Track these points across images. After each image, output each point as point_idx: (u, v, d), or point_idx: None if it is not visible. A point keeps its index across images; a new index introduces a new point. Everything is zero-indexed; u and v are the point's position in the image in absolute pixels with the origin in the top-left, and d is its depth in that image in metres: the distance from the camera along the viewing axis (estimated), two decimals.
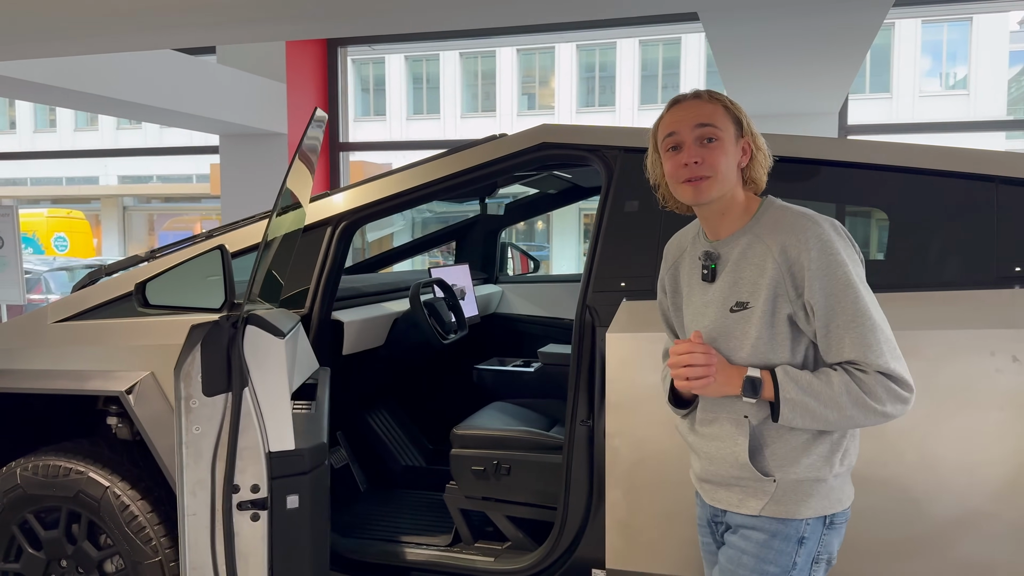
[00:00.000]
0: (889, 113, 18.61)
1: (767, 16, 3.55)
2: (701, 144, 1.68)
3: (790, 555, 1.69)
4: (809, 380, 1.63)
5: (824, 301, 1.62)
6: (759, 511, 1.69)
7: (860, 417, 1.62)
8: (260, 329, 1.89)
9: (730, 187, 1.71)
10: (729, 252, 1.74)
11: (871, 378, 1.61)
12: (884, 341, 1.63)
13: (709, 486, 1.79)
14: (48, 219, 17.91)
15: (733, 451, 1.70)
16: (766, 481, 1.68)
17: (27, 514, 2.79)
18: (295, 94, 6.92)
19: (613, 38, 20.30)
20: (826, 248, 1.63)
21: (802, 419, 1.62)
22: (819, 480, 1.68)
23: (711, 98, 1.72)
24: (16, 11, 3.82)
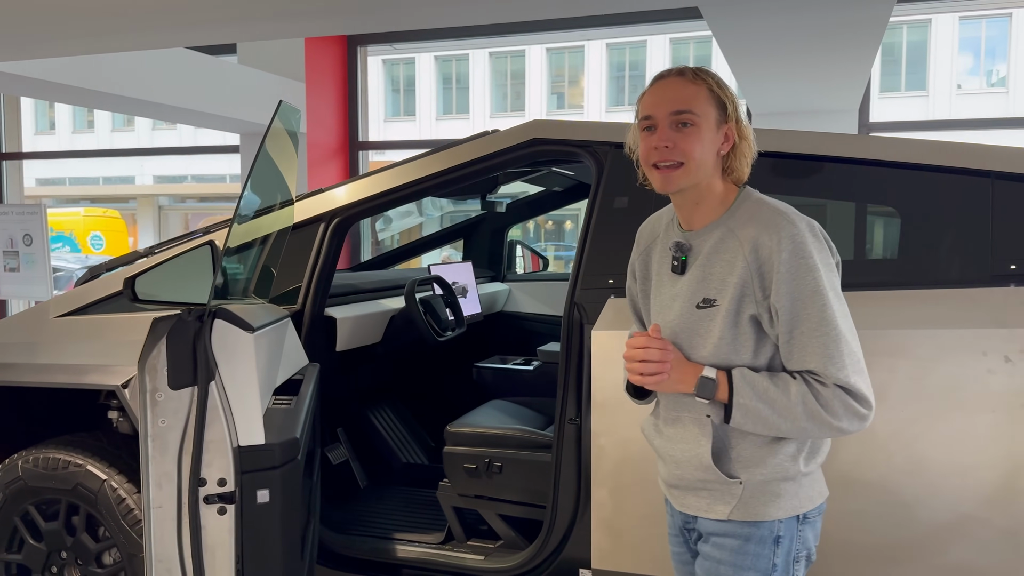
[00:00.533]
0: (925, 111, 18.27)
1: (769, 10, 3.50)
2: (676, 128, 1.60)
3: (768, 557, 1.63)
4: (766, 387, 1.57)
5: (790, 306, 1.55)
6: (727, 515, 1.64)
7: (813, 430, 1.56)
8: (228, 323, 1.90)
9: (704, 176, 1.63)
10: (701, 244, 1.67)
11: (830, 391, 1.54)
12: (848, 354, 1.56)
13: (677, 492, 1.74)
14: (84, 218, 18.25)
15: (697, 453, 1.65)
16: (732, 483, 1.63)
17: (28, 506, 2.83)
18: (314, 93, 6.97)
19: (643, 35, 20.18)
20: (799, 250, 1.56)
21: (754, 425, 1.58)
22: (787, 479, 1.63)
23: (695, 78, 1.62)
24: (36, 10, 3.89)
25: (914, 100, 18.56)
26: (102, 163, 24.82)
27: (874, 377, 2.06)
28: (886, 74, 18.81)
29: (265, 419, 1.96)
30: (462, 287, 3.62)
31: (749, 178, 1.70)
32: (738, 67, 4.66)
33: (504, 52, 21.99)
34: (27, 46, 4.64)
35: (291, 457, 1.93)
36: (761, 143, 1.95)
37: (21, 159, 8.37)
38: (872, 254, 2.47)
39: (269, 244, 2.67)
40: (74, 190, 25.15)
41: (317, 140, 7.02)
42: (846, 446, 2.10)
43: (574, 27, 7.09)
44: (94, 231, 18.05)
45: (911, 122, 7.40)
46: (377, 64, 22.16)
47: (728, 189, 1.68)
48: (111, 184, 25.09)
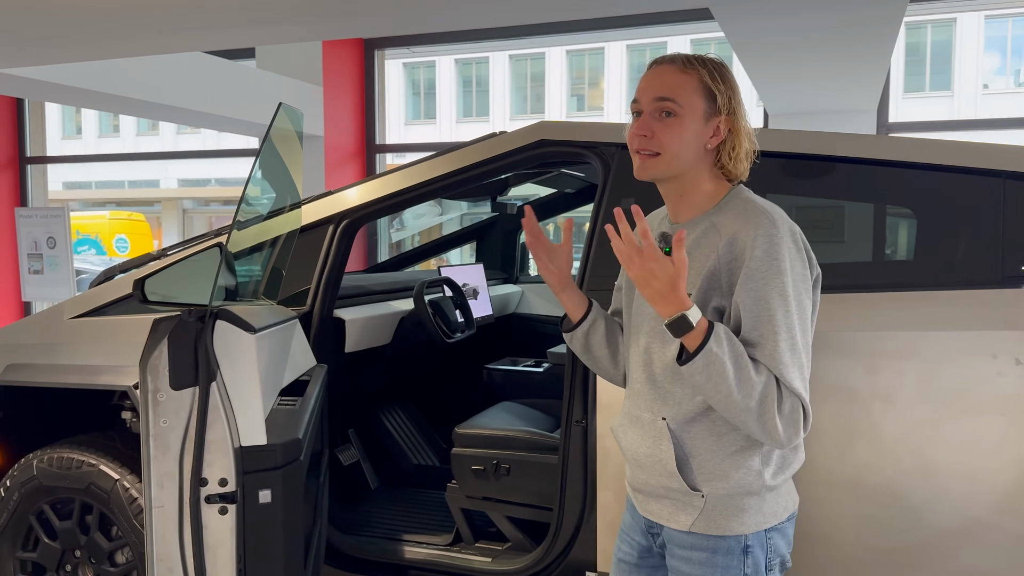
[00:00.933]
0: (950, 111, 18.04)
1: (778, 10, 3.47)
2: (658, 117, 1.56)
3: (739, 568, 1.58)
4: (741, 352, 1.48)
5: (753, 305, 1.50)
6: (689, 527, 1.59)
7: (752, 417, 1.48)
8: (230, 324, 1.91)
9: (684, 168, 1.59)
10: (688, 236, 1.61)
11: (789, 396, 1.49)
12: (801, 367, 1.52)
13: (641, 496, 1.70)
14: (110, 221, 18.50)
15: (660, 458, 1.60)
16: (694, 496, 1.58)
17: (43, 504, 2.86)
18: (332, 97, 7.02)
19: (663, 36, 20.10)
20: (772, 251, 1.50)
21: (706, 380, 1.47)
22: (751, 494, 1.57)
23: (686, 66, 1.57)
24: (54, 15, 3.94)
25: (939, 100, 18.34)
26: (128, 167, 25.15)
27: (881, 380, 2.06)
28: (911, 74, 18.60)
29: (269, 419, 1.97)
30: (472, 289, 3.63)
31: (760, 178, 1.66)
32: (752, 68, 4.63)
33: (524, 55, 22.01)
34: (46, 51, 4.71)
35: (293, 457, 1.94)
36: (771, 143, 1.92)
37: (45, 163, 8.50)
38: (882, 255, 2.44)
39: (278, 246, 2.70)
40: (100, 193, 25.50)
41: (335, 143, 7.06)
42: (853, 449, 2.08)
43: (593, 29, 7.08)
44: (119, 234, 18.28)
45: (931, 122, 7.31)
46: (397, 67, 22.26)
47: (719, 186, 1.63)
48: (136, 188, 25.41)
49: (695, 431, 1.59)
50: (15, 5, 3.76)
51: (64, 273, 7.37)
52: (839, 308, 2.12)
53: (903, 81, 18.39)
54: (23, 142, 8.29)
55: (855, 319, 2.10)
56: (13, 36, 4.33)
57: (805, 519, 2.12)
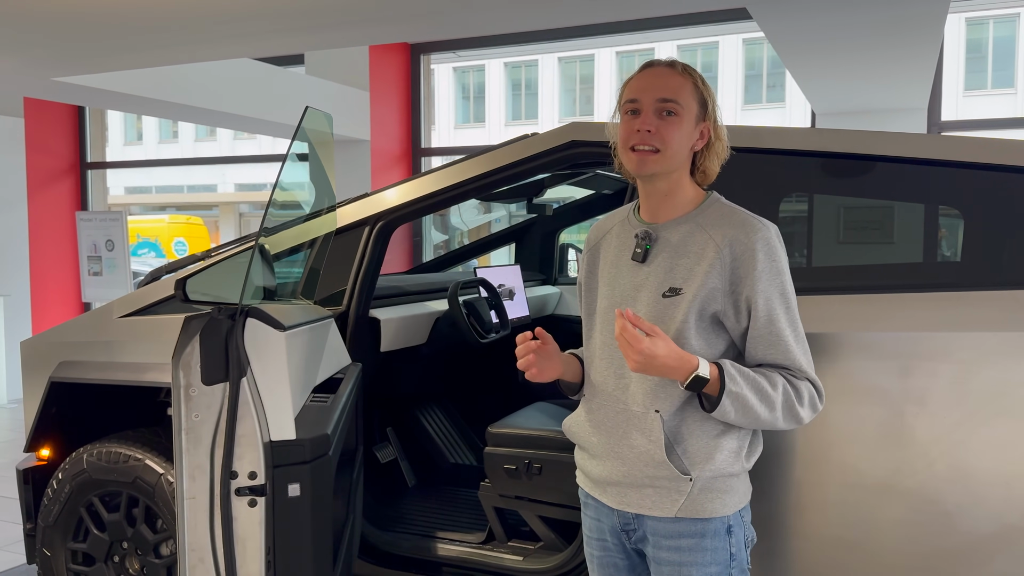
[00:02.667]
0: (1013, 109, 17.49)
1: (816, 9, 3.42)
2: (660, 115, 1.65)
3: (725, 549, 1.68)
4: (753, 376, 1.63)
5: (764, 304, 1.63)
6: (675, 512, 1.66)
7: (783, 420, 1.64)
8: (260, 322, 1.97)
9: (676, 166, 1.68)
10: (668, 236, 1.71)
11: (803, 385, 1.65)
12: (807, 352, 1.69)
13: (617, 489, 1.73)
14: (169, 225, 19.04)
15: (647, 450, 1.66)
16: (683, 480, 1.65)
17: (93, 497, 2.97)
18: (378, 102, 7.12)
19: (715, 35, 19.91)
20: (771, 254, 1.64)
21: (737, 413, 1.61)
22: (732, 475, 1.69)
23: (684, 71, 1.68)
24: (110, 24, 4.09)
25: (1002, 98, 17.79)
26: (187, 172, 25.82)
27: (915, 381, 2.02)
28: (972, 71, 18.09)
29: (299, 415, 2.02)
30: (508, 290, 3.65)
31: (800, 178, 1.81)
32: (794, 66, 4.56)
33: (573, 57, 22.00)
34: (104, 59, 4.89)
35: (322, 452, 1.99)
36: (807, 143, 1.99)
37: (105, 169, 8.78)
38: (913, 257, 2.39)
39: (316, 248, 2.76)
40: (160, 198, 26.22)
41: (381, 147, 7.16)
42: (885, 453, 2.04)
43: (642, 29, 7.06)
44: (178, 237, 18.80)
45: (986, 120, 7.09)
46: (447, 72, 22.44)
47: (696, 191, 1.74)
48: (195, 192, 26.07)
49: (684, 418, 1.68)
50: (74, 16, 3.91)
51: (122, 275, 7.60)
52: (872, 309, 2.09)
53: (964, 79, 17.89)
54: (84, 148, 8.58)
55: (889, 320, 2.07)
56: (73, 45, 4.50)
57: (836, 522, 2.09)
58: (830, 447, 2.08)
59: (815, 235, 2.37)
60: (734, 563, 1.69)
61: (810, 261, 2.39)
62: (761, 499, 2.11)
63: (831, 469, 2.08)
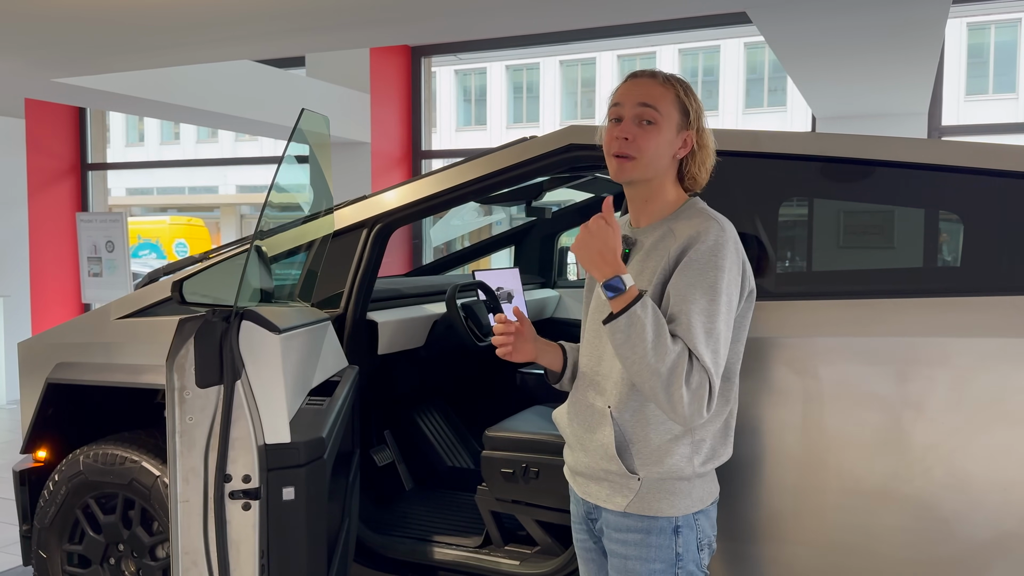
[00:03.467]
0: (1015, 114, 17.48)
1: (816, 12, 3.41)
2: (638, 123, 1.71)
3: (670, 548, 1.73)
4: (663, 323, 1.61)
5: (684, 288, 1.64)
6: (625, 507, 1.73)
7: (660, 383, 1.58)
8: (255, 324, 1.96)
9: (655, 174, 1.74)
10: (644, 241, 1.78)
11: (700, 370, 1.60)
12: (716, 354, 1.63)
13: (582, 479, 1.83)
14: (170, 226, 19.04)
15: (603, 443, 1.74)
16: (631, 478, 1.73)
17: (89, 499, 2.96)
18: (379, 104, 7.12)
19: (716, 39, 19.91)
20: (716, 250, 1.66)
21: (625, 340, 1.59)
22: (681, 479, 1.73)
23: (666, 81, 1.74)
24: (110, 26, 4.09)
25: (1003, 103, 17.78)
26: (188, 173, 25.83)
27: (912, 387, 2.01)
28: (973, 76, 18.08)
29: (295, 418, 2.02)
30: (507, 292, 3.64)
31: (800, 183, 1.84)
32: (794, 70, 4.55)
33: (575, 60, 22.01)
34: (104, 61, 4.89)
35: (317, 456, 1.98)
36: (806, 147, 2.08)
37: (105, 169, 8.79)
38: (912, 262, 2.38)
39: (313, 250, 2.75)
40: (161, 199, 26.24)
41: (381, 149, 7.16)
42: (882, 458, 2.03)
43: (644, 32, 7.06)
44: (179, 238, 18.79)
45: (987, 125, 7.08)
46: (449, 74, 22.46)
47: (679, 196, 1.80)
48: (196, 194, 26.08)
49: (634, 419, 1.73)
50: (75, 17, 3.91)
51: (122, 276, 7.61)
52: (870, 314, 2.08)
53: (966, 83, 17.89)
54: (85, 149, 8.59)
55: (887, 325, 2.06)
56: (74, 47, 4.50)
57: (834, 528, 2.08)
58: (827, 453, 2.07)
59: (815, 240, 2.37)
60: (680, 563, 1.73)
61: (810, 265, 2.38)
62: (757, 505, 2.10)
63: (828, 475, 2.07)
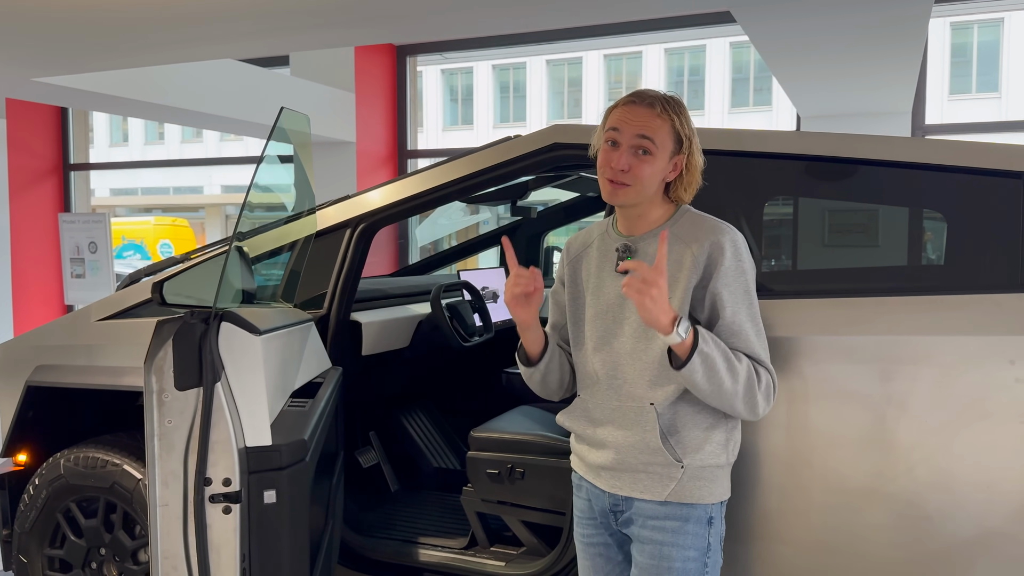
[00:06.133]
0: (997, 113, 17.61)
1: (800, 11, 3.42)
2: (635, 153, 1.78)
3: (704, 537, 1.80)
4: (723, 346, 1.74)
5: (729, 298, 1.77)
6: (665, 496, 1.79)
7: (742, 397, 1.73)
8: (235, 326, 1.94)
9: (647, 196, 1.82)
10: (646, 247, 1.86)
11: (763, 373, 1.78)
12: (766, 348, 1.82)
13: (610, 474, 1.86)
14: (155, 227, 18.90)
15: (644, 439, 1.80)
16: (675, 467, 1.79)
17: (70, 503, 2.93)
18: (364, 103, 7.09)
19: (702, 39, 19.97)
20: (738, 254, 1.80)
21: (703, 375, 1.70)
22: (718, 466, 1.83)
23: (663, 111, 1.79)
24: (90, 24, 4.05)
25: (986, 102, 17.91)
26: (173, 174, 25.66)
27: (896, 385, 2.01)
28: (956, 75, 18.20)
29: (276, 421, 2.00)
30: (492, 292, 3.63)
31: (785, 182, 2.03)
32: (778, 69, 4.57)
33: (561, 60, 22.00)
34: (85, 60, 4.83)
35: (298, 458, 1.96)
36: (788, 146, 2.14)
37: (88, 170, 8.71)
38: (896, 260, 2.39)
39: (296, 250, 2.73)
40: (146, 200, 26.06)
41: (366, 149, 7.13)
42: (866, 456, 2.03)
43: (630, 32, 7.07)
44: (163, 239, 18.66)
45: (970, 124, 7.13)
46: (436, 74, 22.42)
47: (668, 208, 1.89)
48: (181, 194, 25.92)
49: (675, 410, 1.81)
50: (55, 15, 3.87)
51: (105, 277, 7.55)
52: (853, 312, 2.08)
53: (949, 83, 18.00)
54: (67, 150, 8.51)
55: (870, 323, 2.06)
56: (54, 45, 4.45)
57: (819, 527, 2.08)
58: (812, 451, 2.07)
59: (799, 238, 2.37)
60: (710, 552, 1.81)
61: (795, 264, 2.39)
62: (742, 503, 2.10)
63: (813, 473, 2.07)
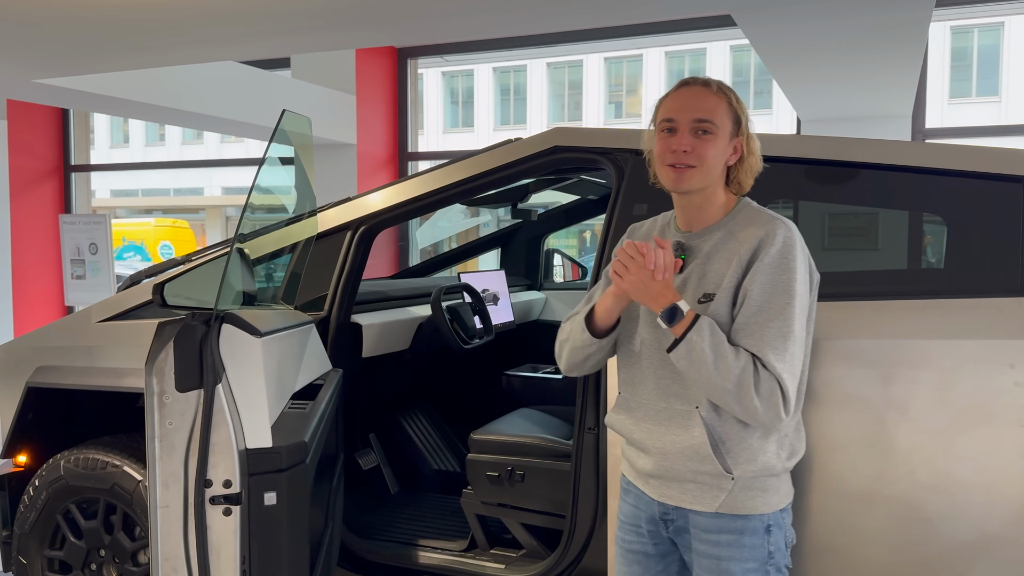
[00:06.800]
0: (998, 117, 17.62)
1: (800, 15, 3.42)
2: (695, 134, 1.71)
3: (763, 547, 1.72)
4: (721, 340, 1.65)
5: (758, 295, 1.67)
6: (716, 507, 1.71)
7: (734, 397, 1.63)
8: (236, 328, 1.94)
9: (712, 181, 1.75)
10: (701, 245, 1.79)
11: (766, 375, 1.63)
12: (792, 355, 1.66)
13: (658, 482, 1.79)
14: (155, 228, 18.89)
15: (691, 444, 1.71)
16: (725, 478, 1.71)
17: (70, 504, 2.93)
18: (364, 105, 7.09)
19: (703, 43, 19.98)
20: (786, 250, 1.69)
21: (689, 366, 1.65)
22: (773, 475, 1.74)
23: (719, 91, 1.74)
24: (92, 25, 4.05)
25: (986, 106, 17.92)
26: (173, 175, 25.66)
27: (895, 389, 2.02)
28: (956, 79, 18.21)
29: (276, 423, 2.00)
30: (493, 295, 3.63)
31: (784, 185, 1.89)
32: (778, 73, 4.57)
33: (562, 62, 22.01)
34: (86, 61, 4.84)
35: (298, 460, 1.96)
36: (791, 150, 2.12)
37: (89, 171, 8.72)
38: (896, 264, 2.39)
39: (297, 252, 2.73)
40: (146, 201, 26.05)
41: (367, 151, 7.13)
42: (867, 459, 2.03)
43: (630, 35, 7.07)
44: (164, 240, 18.66)
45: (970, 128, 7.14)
46: (436, 76, 22.43)
47: (729, 198, 1.82)
48: (181, 195, 25.92)
49: (724, 418, 1.72)
50: (57, 17, 3.88)
51: (105, 278, 7.55)
52: (854, 316, 2.08)
53: (949, 86, 18.01)
54: (68, 151, 8.51)
55: (870, 327, 2.07)
56: (56, 47, 4.46)
57: (819, 530, 2.08)
58: (812, 454, 2.07)
59: None
60: (771, 562, 1.73)
61: None
62: None
63: (813, 476, 2.07)
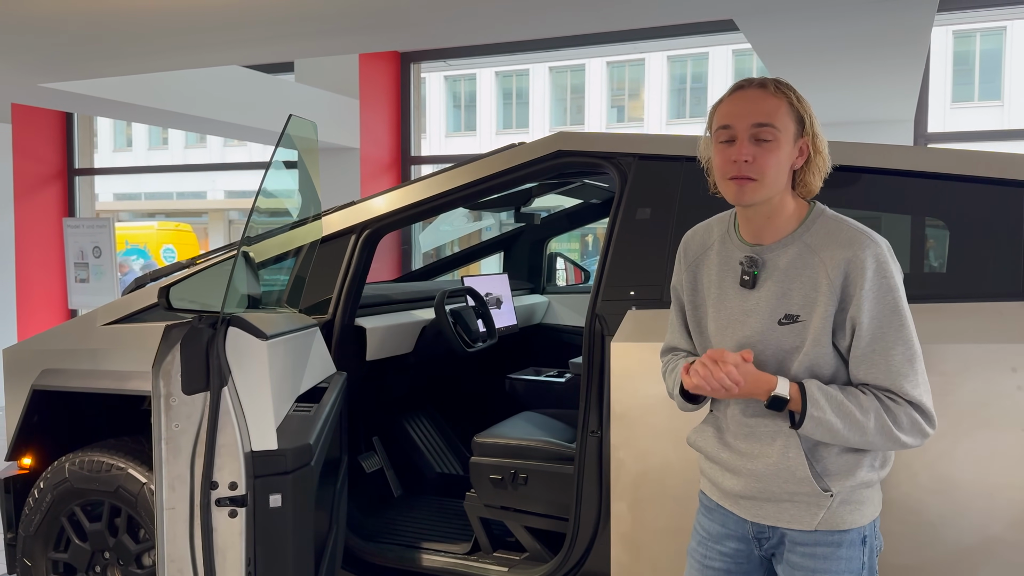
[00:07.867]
0: (1000, 121, 17.62)
1: (803, 20, 3.44)
2: (755, 142, 1.57)
3: (859, 559, 1.66)
4: (840, 400, 1.58)
5: (869, 323, 1.57)
6: (815, 526, 1.64)
7: (879, 443, 1.59)
8: (242, 331, 1.95)
9: (778, 191, 1.61)
10: (775, 259, 1.65)
11: (901, 408, 1.57)
12: (920, 372, 1.59)
13: (751, 503, 1.70)
14: (158, 231, 18.93)
15: (787, 466, 1.63)
16: (824, 496, 1.62)
17: (74, 506, 2.94)
18: (368, 109, 7.11)
19: (705, 47, 20.01)
20: (882, 269, 1.57)
21: (821, 435, 1.59)
22: (869, 487, 1.67)
23: (777, 90, 1.59)
24: (94, 30, 4.07)
25: (989, 110, 17.93)
26: (176, 179, 25.73)
27: None
28: (959, 83, 18.23)
29: (282, 425, 2.01)
30: (496, 298, 3.64)
31: None
32: (781, 77, 4.57)
33: (564, 66, 22.05)
34: (91, 65, 4.86)
35: (304, 463, 1.97)
36: None
37: (93, 175, 8.74)
38: (908, 267, 2.40)
39: (301, 256, 2.74)
40: (149, 204, 26.11)
41: (370, 155, 7.15)
42: None
43: (632, 39, 7.09)
44: (167, 244, 18.69)
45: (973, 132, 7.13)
46: (439, 80, 22.48)
47: (799, 204, 1.67)
48: (184, 199, 25.97)
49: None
50: (62, 21, 3.90)
51: (109, 282, 7.56)
52: None
53: (951, 91, 18.03)
54: (72, 154, 8.54)
55: None
56: (60, 51, 4.48)
57: None
58: None
59: None
60: (864, 571, 1.67)
61: None
62: None
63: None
